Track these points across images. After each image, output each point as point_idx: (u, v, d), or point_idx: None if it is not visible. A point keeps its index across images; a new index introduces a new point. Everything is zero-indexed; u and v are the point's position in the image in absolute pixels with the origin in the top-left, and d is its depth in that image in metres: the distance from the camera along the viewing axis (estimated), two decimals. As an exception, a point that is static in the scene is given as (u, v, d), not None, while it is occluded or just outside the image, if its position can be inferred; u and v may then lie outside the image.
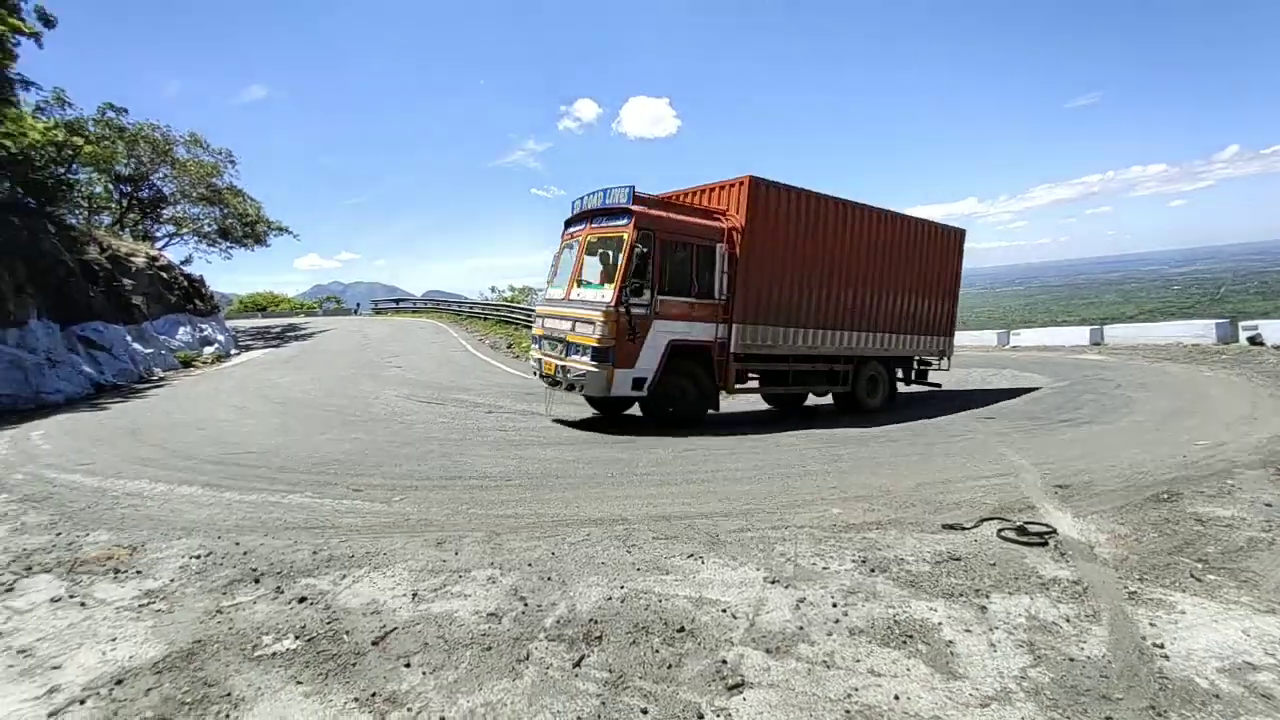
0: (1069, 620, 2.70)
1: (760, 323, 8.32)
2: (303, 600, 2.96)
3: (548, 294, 8.70)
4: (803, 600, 2.90)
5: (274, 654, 2.50)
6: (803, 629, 2.64)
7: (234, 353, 17.23)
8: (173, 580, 3.24)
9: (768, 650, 2.48)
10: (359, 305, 41.67)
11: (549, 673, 2.34)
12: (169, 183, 23.36)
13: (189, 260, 24.70)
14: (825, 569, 3.27)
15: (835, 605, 2.85)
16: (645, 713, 2.11)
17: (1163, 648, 2.47)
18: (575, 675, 2.33)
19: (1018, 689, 2.22)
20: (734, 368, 8.22)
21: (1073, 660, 2.39)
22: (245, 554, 3.57)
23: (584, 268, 8.06)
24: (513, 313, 23.24)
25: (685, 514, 4.27)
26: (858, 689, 2.23)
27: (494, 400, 10.09)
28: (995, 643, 2.52)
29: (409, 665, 2.40)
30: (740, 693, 2.21)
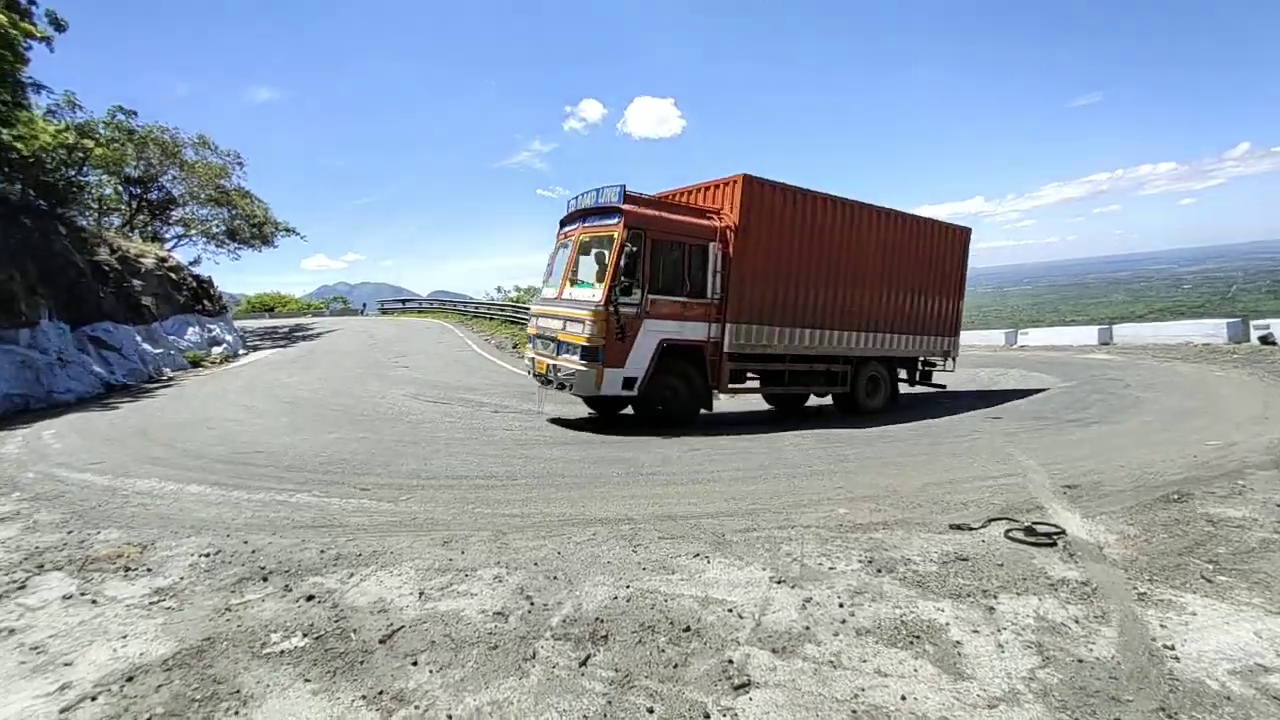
0: (1078, 621, 2.68)
1: (754, 322, 8.25)
2: (310, 598, 2.98)
3: (542, 293, 8.73)
4: (809, 600, 2.90)
5: (282, 651, 2.52)
6: (809, 629, 2.63)
7: (242, 353, 17.35)
8: (182, 578, 3.27)
9: (774, 650, 2.47)
10: (365, 305, 41.81)
11: (555, 671, 2.34)
12: (178, 184, 23.55)
13: (197, 261, 24.95)
14: (832, 569, 3.26)
15: (842, 605, 2.84)
16: (651, 712, 2.11)
17: (1173, 649, 2.45)
18: (581, 674, 2.33)
19: (1026, 690, 2.20)
20: (728, 367, 8.16)
21: (1082, 661, 2.37)
22: (254, 552, 3.59)
23: (577, 267, 8.07)
24: (518, 312, 23.31)
25: (691, 513, 4.27)
26: (864, 689, 2.22)
27: (500, 400, 10.11)
28: (1003, 643, 2.51)
29: (416, 663, 2.41)
30: (746, 692, 2.20)
